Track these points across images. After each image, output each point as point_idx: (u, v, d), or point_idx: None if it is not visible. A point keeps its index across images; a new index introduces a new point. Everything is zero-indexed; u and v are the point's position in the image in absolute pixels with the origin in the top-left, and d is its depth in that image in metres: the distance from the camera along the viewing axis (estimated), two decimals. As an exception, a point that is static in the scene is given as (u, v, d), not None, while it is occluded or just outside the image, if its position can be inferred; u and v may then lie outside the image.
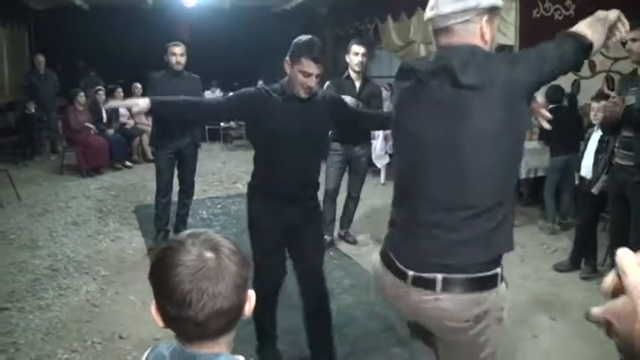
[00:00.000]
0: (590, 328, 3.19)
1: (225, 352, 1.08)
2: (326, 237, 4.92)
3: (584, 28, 1.66)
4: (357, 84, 4.82)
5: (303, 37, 2.59)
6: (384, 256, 1.83)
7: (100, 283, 4.29)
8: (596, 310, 0.68)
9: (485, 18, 1.67)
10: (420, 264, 1.69)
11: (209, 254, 1.03)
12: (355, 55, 4.75)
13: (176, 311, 1.02)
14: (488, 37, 1.69)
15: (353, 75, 4.82)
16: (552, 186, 5.40)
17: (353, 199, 5.23)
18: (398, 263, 1.74)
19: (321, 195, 3.32)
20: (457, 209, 1.64)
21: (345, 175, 5.12)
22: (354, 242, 5.25)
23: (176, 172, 5.15)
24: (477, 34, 1.68)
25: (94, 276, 4.43)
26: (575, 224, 4.77)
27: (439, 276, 1.65)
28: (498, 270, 1.70)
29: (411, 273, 1.70)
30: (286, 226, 2.78)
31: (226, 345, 1.10)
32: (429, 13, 1.72)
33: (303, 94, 2.61)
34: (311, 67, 2.53)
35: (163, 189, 5.05)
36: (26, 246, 5.14)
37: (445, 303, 1.66)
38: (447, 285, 1.65)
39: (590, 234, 4.36)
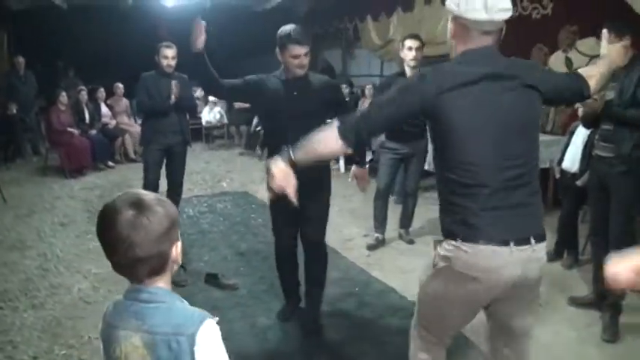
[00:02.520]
0: (573, 313, 3.30)
1: (164, 287, 1.31)
2: (378, 235, 5.03)
3: None
4: None
5: (284, 28, 3.02)
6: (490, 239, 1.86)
7: (92, 282, 4.32)
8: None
9: None
10: (520, 230, 1.89)
11: (130, 212, 1.23)
12: (409, 50, 4.51)
13: (109, 256, 1.27)
14: None
15: (408, 71, 4.55)
16: None
17: (411, 197, 5.13)
18: (513, 235, 1.87)
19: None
20: (522, 178, 1.88)
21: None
22: (412, 242, 5.13)
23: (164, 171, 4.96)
24: None
25: (85, 274, 4.45)
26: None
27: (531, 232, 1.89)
28: None
29: (512, 242, 1.86)
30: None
31: (164, 284, 1.32)
32: (507, 14, 1.85)
33: (299, 73, 3.05)
34: (297, 50, 2.97)
35: (149, 186, 4.81)
36: (15, 247, 5.14)
37: (539, 253, 1.94)
38: (538, 239, 1.91)
39: (572, 225, 4.52)
